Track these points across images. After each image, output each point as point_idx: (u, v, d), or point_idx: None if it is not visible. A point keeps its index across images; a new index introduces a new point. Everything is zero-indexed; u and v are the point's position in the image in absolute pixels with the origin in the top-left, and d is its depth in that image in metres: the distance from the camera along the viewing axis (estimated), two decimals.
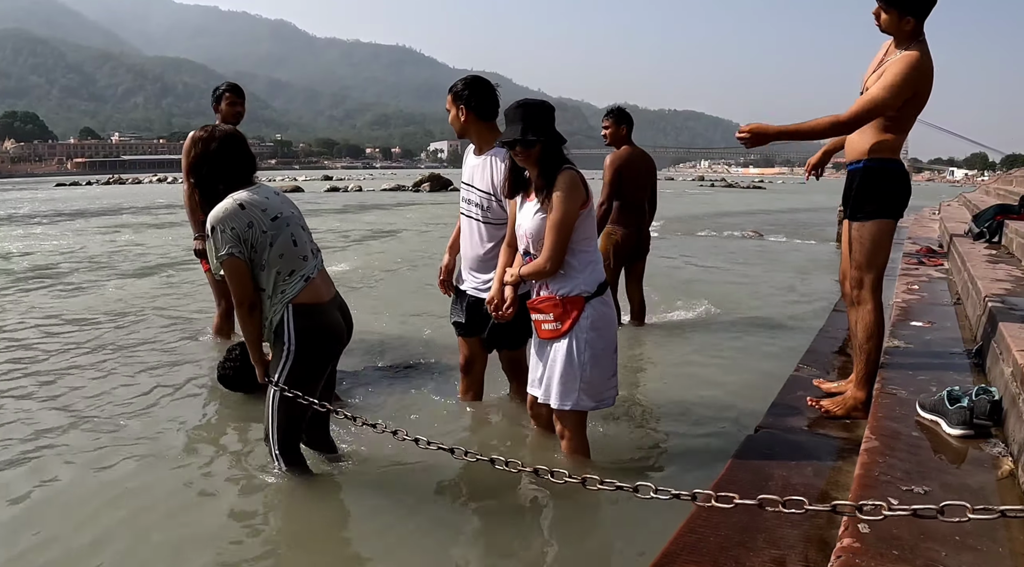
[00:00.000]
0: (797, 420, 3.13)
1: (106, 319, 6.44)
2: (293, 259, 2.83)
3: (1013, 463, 2.39)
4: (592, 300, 2.88)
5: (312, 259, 2.93)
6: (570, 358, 2.89)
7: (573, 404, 2.95)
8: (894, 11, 2.92)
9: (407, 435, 2.53)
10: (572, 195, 2.80)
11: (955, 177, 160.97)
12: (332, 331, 2.92)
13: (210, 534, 2.71)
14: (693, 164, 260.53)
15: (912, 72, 2.87)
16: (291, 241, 2.83)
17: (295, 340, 2.81)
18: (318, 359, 2.90)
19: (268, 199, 2.86)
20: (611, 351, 2.98)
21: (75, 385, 4.47)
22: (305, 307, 2.82)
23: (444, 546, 2.65)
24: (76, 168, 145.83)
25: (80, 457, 3.40)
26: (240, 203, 2.78)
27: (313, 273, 2.88)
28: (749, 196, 41.43)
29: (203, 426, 3.90)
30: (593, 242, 2.96)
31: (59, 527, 2.75)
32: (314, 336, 2.85)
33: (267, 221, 2.79)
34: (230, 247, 2.73)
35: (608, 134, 5.88)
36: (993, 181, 33.21)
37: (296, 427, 2.98)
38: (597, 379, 2.93)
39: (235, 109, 5.24)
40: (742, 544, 2.07)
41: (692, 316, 6.57)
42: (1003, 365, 2.98)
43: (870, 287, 3.13)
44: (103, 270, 9.86)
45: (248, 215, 2.76)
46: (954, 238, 7.98)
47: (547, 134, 2.84)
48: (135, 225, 18.06)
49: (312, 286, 2.85)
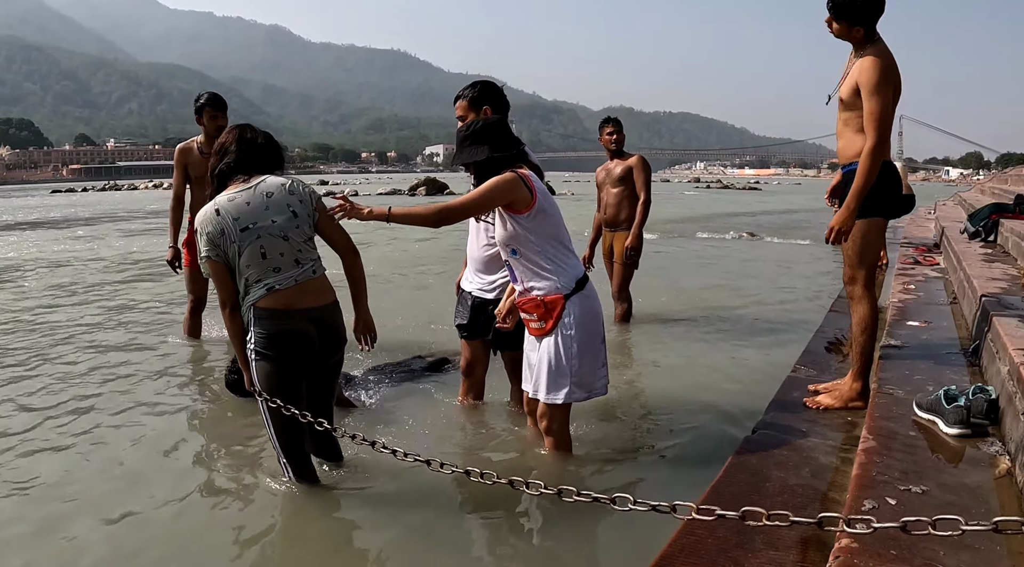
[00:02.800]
0: (795, 421, 3.13)
1: (88, 324, 6.42)
2: (262, 270, 2.78)
3: (1010, 462, 2.40)
4: (572, 297, 2.95)
5: (291, 270, 2.82)
6: (558, 354, 2.98)
7: (565, 396, 3.02)
8: (844, 22, 3.15)
9: (384, 448, 2.54)
10: (493, 185, 2.87)
11: (950, 176, 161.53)
12: (293, 337, 2.82)
13: (213, 543, 2.69)
14: (688, 166, 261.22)
15: (882, 72, 3.04)
16: (260, 253, 2.77)
17: (254, 342, 2.81)
18: (280, 364, 2.82)
19: (248, 204, 2.79)
20: (598, 342, 3.06)
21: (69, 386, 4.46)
22: (266, 311, 2.79)
23: (436, 552, 2.65)
24: (72, 174, 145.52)
25: (76, 468, 3.38)
26: (217, 208, 2.79)
27: (284, 284, 2.80)
28: (745, 197, 41.51)
29: (215, 432, 3.89)
30: (559, 242, 2.98)
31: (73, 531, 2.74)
32: (273, 340, 2.80)
33: (236, 232, 2.76)
34: (207, 250, 2.78)
35: (617, 140, 6.13)
36: (988, 180, 33.32)
37: (293, 433, 2.93)
38: (587, 370, 3.02)
39: (216, 122, 5.22)
40: (740, 545, 2.07)
41: (687, 317, 6.57)
42: (999, 364, 2.99)
43: (863, 282, 3.26)
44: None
45: (221, 222, 2.76)
46: (950, 237, 8.00)
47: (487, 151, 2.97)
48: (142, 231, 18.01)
49: (278, 295, 2.79)
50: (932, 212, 16.39)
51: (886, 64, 3.06)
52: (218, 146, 2.96)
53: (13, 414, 4.08)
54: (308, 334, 2.85)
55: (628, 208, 6.08)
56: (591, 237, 6.51)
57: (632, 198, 6.05)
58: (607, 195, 6.19)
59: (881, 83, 3.03)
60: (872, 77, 3.04)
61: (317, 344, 2.89)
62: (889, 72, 3.06)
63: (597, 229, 6.45)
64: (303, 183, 2.95)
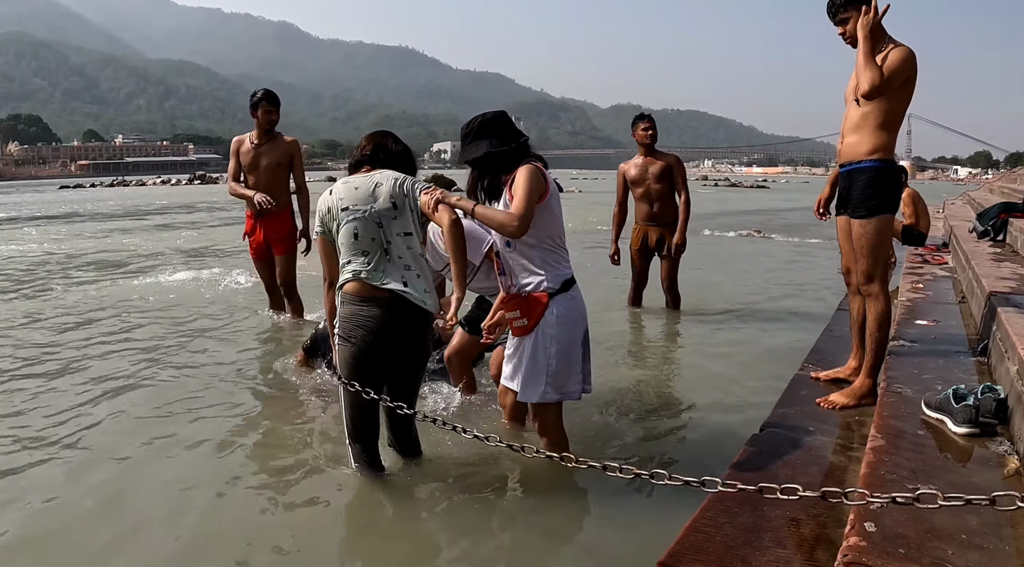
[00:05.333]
0: (802, 419, 3.12)
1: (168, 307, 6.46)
2: (352, 251, 2.88)
3: (1019, 461, 2.39)
4: (556, 296, 2.97)
5: (377, 258, 2.86)
6: (536, 352, 2.99)
7: (539, 397, 3.03)
8: (851, 11, 3.20)
9: (464, 431, 2.62)
10: (528, 179, 2.86)
11: (959, 175, 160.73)
12: (372, 323, 2.85)
13: (259, 520, 2.82)
14: (696, 164, 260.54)
15: (906, 60, 3.12)
16: (353, 234, 2.88)
17: (339, 326, 2.91)
18: (360, 349, 2.86)
19: (356, 189, 2.91)
20: (578, 344, 3.06)
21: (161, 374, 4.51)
22: (349, 296, 2.88)
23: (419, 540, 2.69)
24: (80, 170, 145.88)
25: (156, 447, 3.53)
26: (331, 189, 2.98)
27: (366, 275, 2.85)
28: (753, 195, 41.42)
29: (282, 409, 4.07)
30: (555, 242, 3.00)
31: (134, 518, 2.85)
32: (354, 326, 2.86)
33: (338, 210, 2.91)
34: (319, 228, 2.97)
35: (652, 136, 6.22)
36: (997, 179, 33.15)
37: (362, 418, 2.98)
38: (563, 372, 3.01)
39: (269, 117, 5.68)
40: (748, 543, 2.06)
41: (693, 313, 6.56)
42: (1008, 363, 2.98)
43: (880, 279, 3.29)
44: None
45: (329, 200, 2.94)
46: (958, 236, 7.97)
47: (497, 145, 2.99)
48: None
49: (361, 282, 2.86)
50: (941, 211, 16.31)
51: (910, 55, 3.13)
52: (360, 144, 3.14)
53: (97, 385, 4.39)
54: (388, 323, 2.88)
55: (672, 205, 6.29)
56: (613, 233, 6.59)
57: (671, 195, 6.26)
58: (648, 192, 6.28)
59: (902, 65, 3.11)
60: (898, 56, 3.12)
61: (399, 334, 2.92)
62: (909, 62, 3.13)
63: (618, 225, 6.53)
64: (416, 181, 2.99)
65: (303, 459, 3.34)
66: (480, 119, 3.04)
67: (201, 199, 33.80)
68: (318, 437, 3.59)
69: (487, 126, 3.01)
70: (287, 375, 4.58)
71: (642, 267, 6.57)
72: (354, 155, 3.12)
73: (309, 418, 3.90)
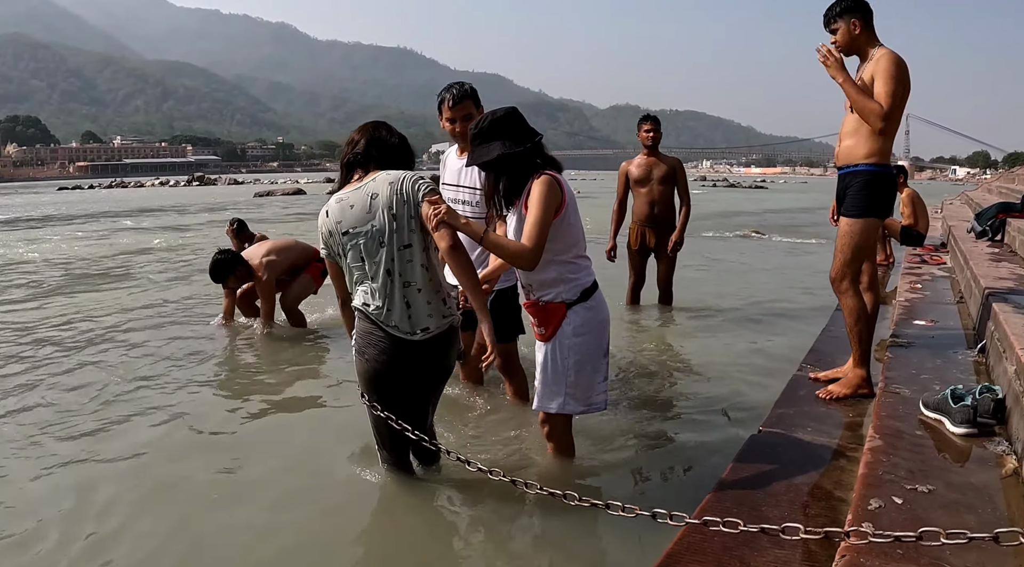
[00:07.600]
0: (801, 420, 3.12)
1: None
2: (360, 271, 2.78)
3: (1017, 461, 2.39)
4: (575, 306, 2.82)
5: (382, 288, 2.74)
6: (554, 363, 2.86)
7: (558, 408, 2.91)
8: (840, 21, 3.29)
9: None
10: (543, 196, 2.70)
11: (957, 175, 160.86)
12: (384, 344, 2.77)
13: (288, 520, 2.85)
14: (695, 164, 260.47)
15: (897, 65, 3.17)
16: (359, 257, 2.76)
17: (355, 341, 2.85)
18: (376, 366, 2.80)
19: (352, 208, 2.76)
20: (600, 355, 2.92)
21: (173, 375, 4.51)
22: (362, 313, 2.80)
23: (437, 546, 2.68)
24: (78, 172, 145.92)
25: (184, 449, 3.60)
26: (326, 211, 2.83)
27: (375, 311, 2.77)
28: (752, 196, 41.40)
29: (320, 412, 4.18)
30: (574, 253, 2.83)
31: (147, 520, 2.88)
32: (368, 344, 2.79)
33: (339, 234, 2.78)
34: (323, 250, 2.88)
35: (655, 137, 6.29)
36: (995, 179, 33.19)
37: (386, 428, 2.89)
38: (584, 383, 2.88)
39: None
40: (746, 544, 2.06)
41: (692, 314, 6.56)
42: (1006, 363, 2.98)
43: (851, 277, 3.41)
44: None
45: (327, 224, 2.81)
46: (956, 236, 7.97)
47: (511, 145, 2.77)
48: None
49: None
50: (939, 211, 16.31)
51: (900, 60, 3.19)
52: (350, 138, 2.98)
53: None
54: (403, 341, 2.77)
55: (671, 207, 6.41)
56: (612, 229, 6.70)
57: (672, 197, 6.38)
58: (650, 192, 6.36)
59: (896, 75, 3.15)
60: (888, 65, 3.17)
61: (415, 352, 2.80)
62: (903, 68, 3.18)
63: (618, 222, 6.65)
64: (417, 178, 2.81)
65: (334, 457, 3.40)
66: (490, 118, 2.79)
67: (201, 199, 33.79)
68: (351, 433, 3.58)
69: (498, 125, 2.76)
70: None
71: (640, 266, 6.62)
72: (345, 152, 2.94)
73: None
